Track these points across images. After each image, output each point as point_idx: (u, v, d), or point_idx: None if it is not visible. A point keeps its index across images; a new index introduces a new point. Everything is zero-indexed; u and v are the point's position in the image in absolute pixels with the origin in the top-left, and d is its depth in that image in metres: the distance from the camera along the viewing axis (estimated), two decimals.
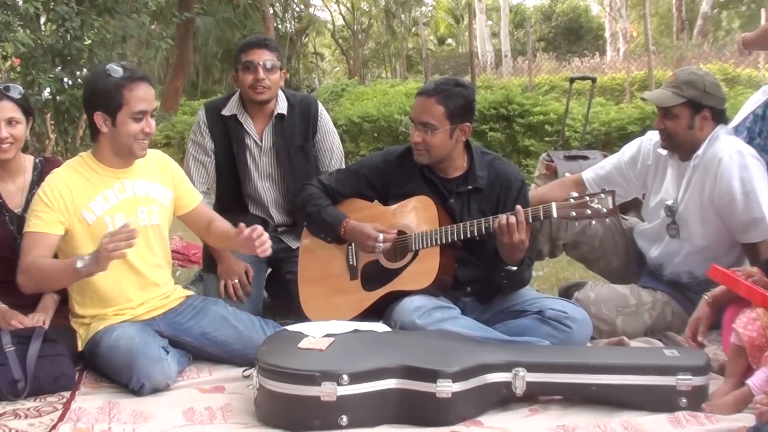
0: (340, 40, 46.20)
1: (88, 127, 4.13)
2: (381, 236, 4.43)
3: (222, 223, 4.51)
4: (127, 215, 4.11)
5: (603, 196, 4.05)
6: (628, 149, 5.08)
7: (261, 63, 4.99)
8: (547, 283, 6.03)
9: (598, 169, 5.11)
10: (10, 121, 4.24)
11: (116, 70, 4.00)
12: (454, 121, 4.38)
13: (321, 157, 5.34)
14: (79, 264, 3.69)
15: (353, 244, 4.63)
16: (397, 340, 3.89)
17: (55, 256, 4.05)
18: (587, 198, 4.06)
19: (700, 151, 4.54)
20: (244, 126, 5.18)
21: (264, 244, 4.05)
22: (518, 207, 4.11)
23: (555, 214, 4.09)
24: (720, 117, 4.59)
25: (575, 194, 4.10)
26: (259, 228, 4.07)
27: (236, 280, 4.94)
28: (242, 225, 4.11)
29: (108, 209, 4.09)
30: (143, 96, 4.03)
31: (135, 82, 4.01)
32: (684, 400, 3.57)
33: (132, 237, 3.61)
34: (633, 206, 5.44)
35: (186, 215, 4.52)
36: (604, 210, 4.03)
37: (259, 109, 5.15)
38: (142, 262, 4.20)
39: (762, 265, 4.04)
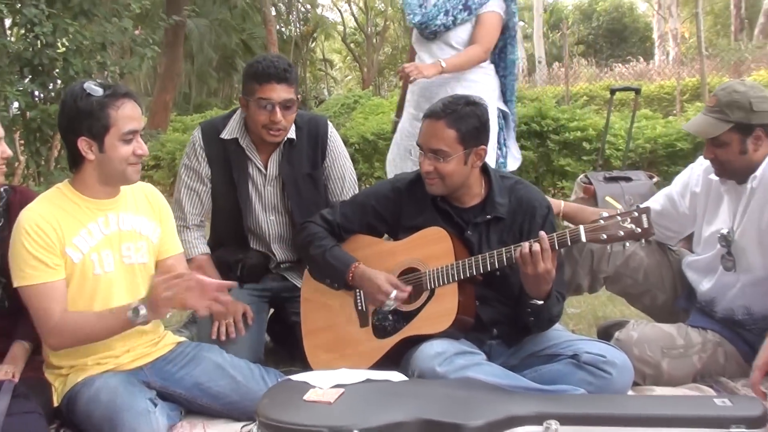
0: (352, 45, 46.27)
1: (69, 155, 4.07)
2: (394, 293, 4.44)
3: None
4: (113, 252, 4.11)
5: (636, 214, 4.05)
6: (679, 179, 5.13)
7: (279, 102, 4.89)
8: (585, 322, 6.05)
9: (652, 203, 5.08)
10: None
11: (95, 89, 3.94)
12: (468, 145, 4.39)
13: (331, 185, 5.31)
14: (132, 316, 3.76)
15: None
16: (415, 391, 3.90)
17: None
18: (619, 218, 4.07)
19: (758, 172, 4.55)
20: (247, 152, 5.13)
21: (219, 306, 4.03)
22: (542, 233, 4.12)
23: (584, 238, 4.10)
24: None
25: (605, 214, 4.12)
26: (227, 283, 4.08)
27: (230, 320, 4.86)
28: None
29: (94, 245, 4.06)
30: (131, 114, 3.99)
31: (120, 99, 3.96)
32: None
33: (191, 280, 3.71)
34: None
35: (160, 261, 4.42)
36: (638, 230, 4.04)
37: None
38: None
39: None
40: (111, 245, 4.12)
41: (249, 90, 4.94)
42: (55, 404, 4.13)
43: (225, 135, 5.15)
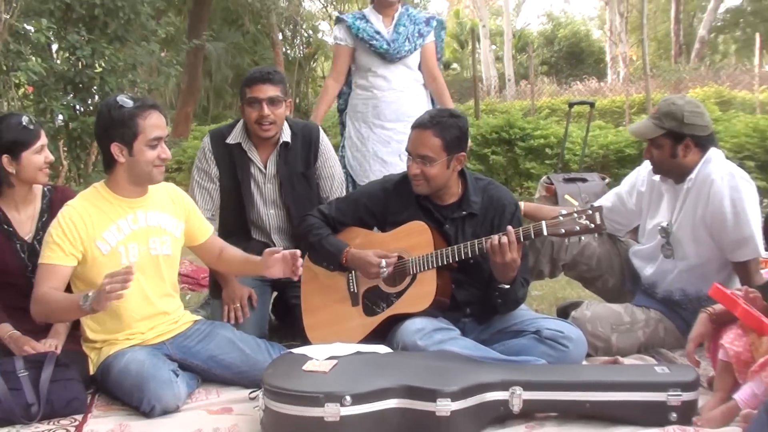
0: None
1: (103, 159, 4.14)
2: (383, 262, 4.46)
3: (234, 251, 4.59)
4: (140, 245, 4.15)
5: (591, 212, 4.08)
6: (627, 179, 5.18)
7: (266, 99, 4.98)
8: (546, 303, 6.05)
9: (603, 201, 5.16)
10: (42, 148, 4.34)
11: (126, 101, 4.03)
12: (451, 151, 4.41)
13: (322, 183, 5.34)
14: (82, 302, 3.70)
15: (354, 272, 4.65)
16: (398, 362, 3.93)
17: (69, 288, 4.08)
18: (575, 215, 4.10)
19: (693, 174, 4.59)
20: (249, 155, 5.17)
21: (300, 268, 4.21)
22: (509, 227, 4.15)
23: (545, 232, 4.13)
24: (705, 143, 4.62)
25: (564, 212, 4.15)
26: (298, 251, 4.19)
27: (237, 305, 4.92)
28: (276, 249, 4.27)
29: (122, 239, 4.10)
30: (156, 123, 4.06)
31: (147, 110, 4.04)
32: (674, 415, 3.61)
33: (128, 280, 3.58)
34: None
35: (198, 246, 4.55)
36: (592, 225, 4.07)
37: (265, 139, 5.14)
38: (152, 291, 4.22)
39: (762, 288, 4.08)
40: (137, 239, 4.16)
41: (242, 95, 5.09)
42: (91, 373, 4.17)
43: (230, 140, 5.20)
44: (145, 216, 4.20)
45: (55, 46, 10.26)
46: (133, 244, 4.13)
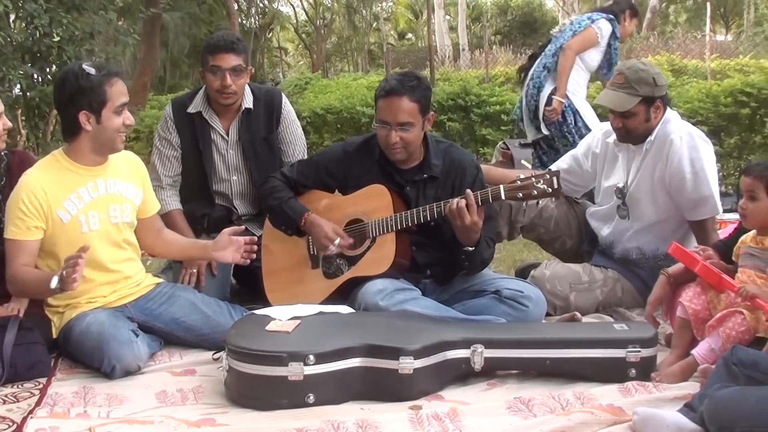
0: (304, 35, 46.05)
1: (65, 127, 4.09)
2: (338, 240, 4.46)
3: (176, 234, 4.62)
4: (99, 213, 4.12)
5: (548, 176, 4.10)
6: (584, 141, 5.22)
7: (229, 68, 4.93)
8: (504, 265, 6.06)
9: (560, 163, 5.18)
10: None
11: (92, 69, 3.98)
12: (425, 113, 4.41)
13: (285, 148, 5.30)
14: (53, 284, 3.70)
15: None
16: (361, 321, 3.93)
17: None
18: (533, 179, 4.10)
19: (652, 136, 4.62)
20: (210, 123, 5.15)
21: (252, 253, 4.26)
22: (468, 191, 4.14)
23: (503, 196, 4.14)
24: (667, 101, 4.69)
25: (522, 176, 4.16)
26: (255, 238, 4.23)
27: (194, 270, 4.89)
28: (232, 229, 4.31)
29: (81, 208, 4.07)
30: (122, 90, 4.05)
31: (113, 77, 4.01)
32: (633, 371, 3.65)
33: (77, 264, 3.58)
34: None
35: (142, 220, 4.44)
36: (549, 190, 4.08)
37: (226, 106, 5.10)
38: (114, 257, 4.19)
39: (717, 246, 4.11)
40: (97, 207, 4.12)
41: (204, 61, 5.04)
42: (54, 336, 4.15)
43: (191, 109, 5.17)
44: (104, 184, 4.16)
45: (12, 16, 10.17)
46: (93, 213, 4.10)
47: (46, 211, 3.97)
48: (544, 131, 7.30)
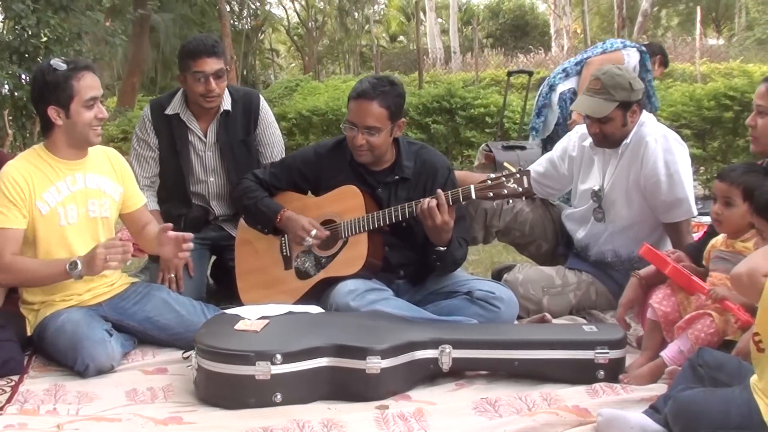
0: (295, 37, 46.06)
1: (41, 122, 4.15)
2: (314, 232, 4.46)
3: (155, 228, 4.56)
4: (78, 207, 4.13)
5: (518, 176, 4.10)
6: (559, 144, 5.22)
7: (212, 73, 4.91)
8: (481, 267, 6.08)
9: (536, 166, 5.18)
10: None
11: (60, 64, 4.01)
12: (394, 120, 4.41)
13: (262, 150, 5.29)
14: (70, 269, 3.79)
15: (287, 236, 4.65)
16: (330, 321, 3.95)
17: None
18: (503, 179, 4.10)
19: (628, 139, 4.64)
20: (188, 124, 5.13)
21: (186, 252, 4.21)
22: (438, 191, 4.15)
23: (473, 196, 4.14)
24: (643, 105, 4.72)
25: (492, 175, 4.17)
26: (190, 235, 4.18)
27: (172, 275, 4.84)
28: (169, 225, 4.24)
29: (60, 200, 4.08)
30: (91, 83, 4.05)
31: (81, 72, 4.03)
32: (602, 372, 3.68)
33: (128, 251, 3.78)
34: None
35: (127, 214, 4.48)
36: (520, 189, 4.08)
37: (207, 109, 5.10)
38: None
39: (688, 249, 4.13)
40: (76, 201, 4.14)
41: (185, 66, 4.98)
42: (29, 334, 4.17)
43: (168, 111, 5.16)
44: (84, 178, 4.18)
45: (0, 16, 10.18)
46: (72, 206, 4.12)
47: (27, 200, 3.99)
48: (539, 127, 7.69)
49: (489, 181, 4.14)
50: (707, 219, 5.37)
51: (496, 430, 3.18)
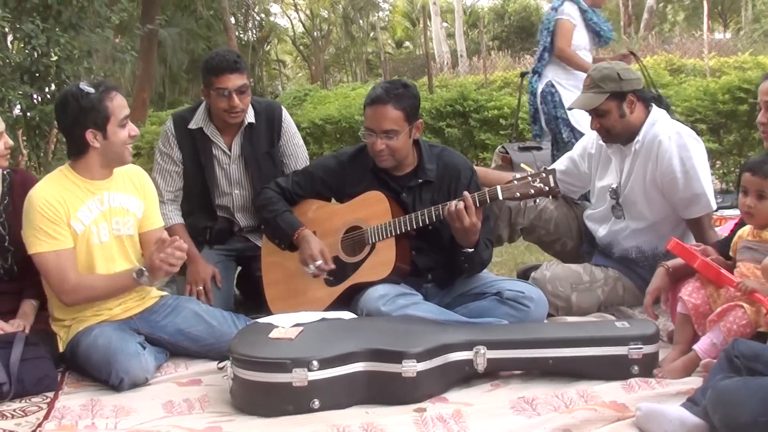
0: (301, 47, 46.19)
1: (72, 146, 4.15)
2: (320, 262, 4.48)
3: None
4: (108, 225, 4.17)
5: (544, 175, 4.13)
6: (580, 143, 5.25)
7: (235, 89, 4.91)
8: (506, 268, 6.08)
9: (558, 165, 5.21)
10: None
11: (89, 88, 4.03)
12: (411, 121, 4.43)
13: (287, 161, 5.30)
14: (138, 277, 3.95)
15: None
16: (363, 326, 3.96)
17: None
18: (529, 178, 4.13)
19: (640, 136, 4.65)
20: (212, 138, 5.14)
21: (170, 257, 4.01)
22: (465, 192, 4.16)
23: (500, 196, 4.16)
24: (646, 97, 4.74)
25: (518, 175, 4.19)
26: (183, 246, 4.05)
27: (201, 287, 4.91)
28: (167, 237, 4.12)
29: (93, 219, 4.11)
30: (122, 103, 4.10)
31: (112, 92, 4.06)
32: (636, 368, 3.68)
33: (182, 249, 3.89)
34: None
35: (142, 233, 4.41)
36: (546, 188, 4.11)
37: (231, 124, 5.11)
38: (119, 270, 4.20)
39: (717, 245, 4.13)
40: (105, 219, 4.17)
41: (208, 82, 4.99)
42: (61, 350, 4.18)
43: (192, 125, 5.16)
44: (109, 197, 4.19)
45: (10, 37, 10.21)
46: (103, 224, 4.15)
47: (65, 220, 4.02)
48: (544, 126, 7.69)
49: (515, 182, 4.16)
50: (728, 213, 5.38)
51: (536, 428, 3.18)
